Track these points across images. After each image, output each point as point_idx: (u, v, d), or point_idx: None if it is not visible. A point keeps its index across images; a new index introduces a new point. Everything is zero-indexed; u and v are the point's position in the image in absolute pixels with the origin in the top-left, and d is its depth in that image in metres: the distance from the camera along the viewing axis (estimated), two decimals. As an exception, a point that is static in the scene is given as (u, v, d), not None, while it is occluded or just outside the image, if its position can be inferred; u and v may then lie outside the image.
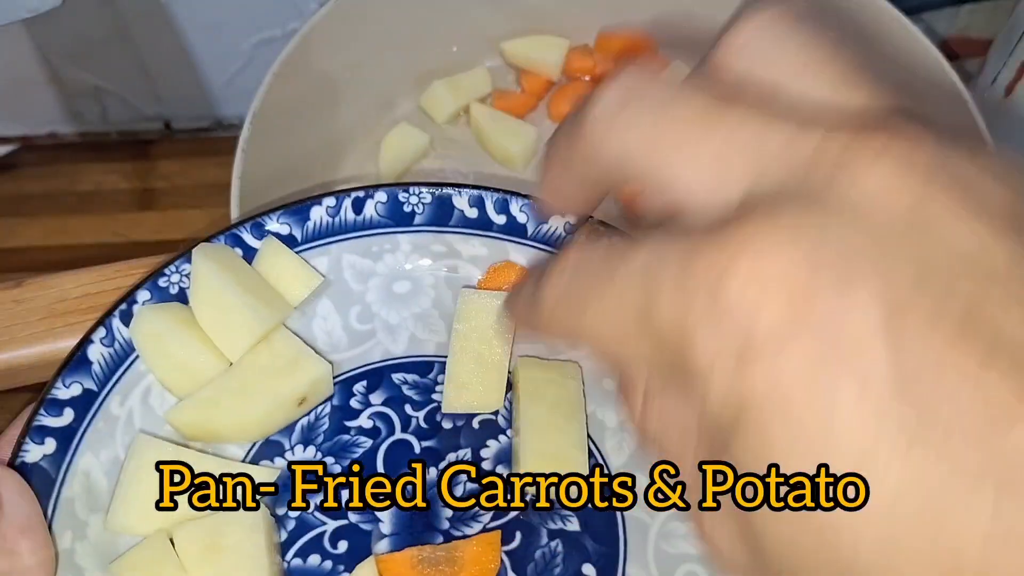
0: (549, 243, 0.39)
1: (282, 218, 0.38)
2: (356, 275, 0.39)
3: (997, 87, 0.54)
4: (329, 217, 0.39)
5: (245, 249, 0.38)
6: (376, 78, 0.58)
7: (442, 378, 0.38)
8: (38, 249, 0.73)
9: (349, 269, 0.39)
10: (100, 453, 0.34)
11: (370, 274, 0.40)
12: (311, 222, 0.39)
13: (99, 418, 0.34)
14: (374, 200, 0.39)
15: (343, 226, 0.39)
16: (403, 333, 0.39)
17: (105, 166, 0.77)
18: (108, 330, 0.35)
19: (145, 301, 0.36)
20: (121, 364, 0.35)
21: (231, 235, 0.38)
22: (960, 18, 0.70)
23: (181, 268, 0.37)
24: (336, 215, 0.39)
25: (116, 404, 0.35)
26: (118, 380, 0.35)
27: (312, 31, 0.52)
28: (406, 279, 0.40)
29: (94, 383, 0.35)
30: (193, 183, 0.75)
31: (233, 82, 0.74)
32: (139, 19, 0.68)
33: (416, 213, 0.39)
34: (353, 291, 0.39)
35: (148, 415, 0.36)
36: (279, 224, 0.38)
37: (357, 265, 0.39)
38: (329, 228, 0.39)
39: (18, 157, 0.78)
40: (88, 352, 0.35)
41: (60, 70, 0.73)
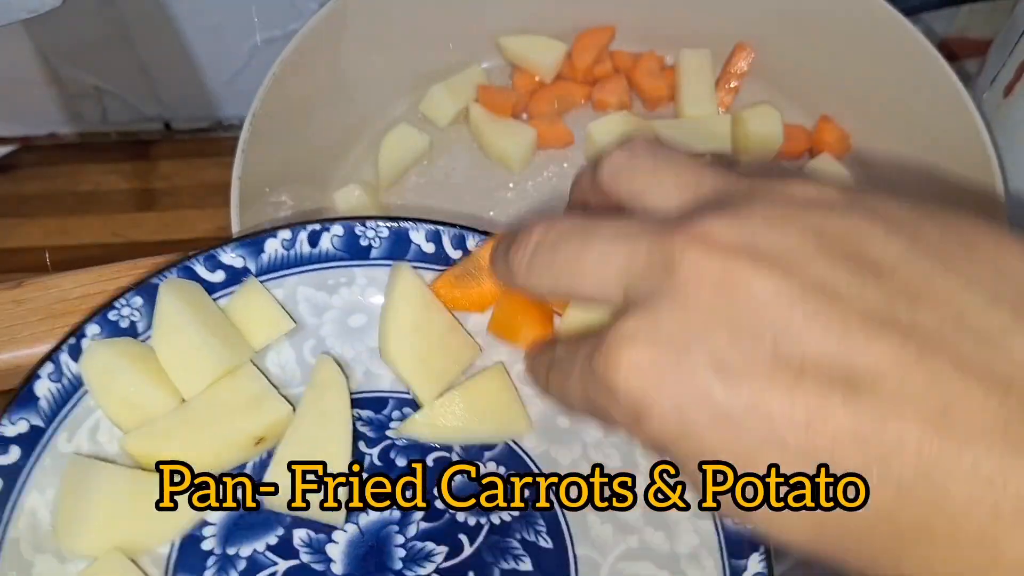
0: None
1: (236, 250, 0.38)
2: (311, 308, 0.39)
3: (996, 88, 0.54)
4: (284, 250, 0.38)
5: (200, 281, 0.37)
6: (376, 78, 0.58)
7: (397, 414, 0.38)
8: (37, 249, 0.73)
9: (304, 302, 0.39)
10: (46, 491, 0.34)
11: (325, 307, 0.39)
12: (265, 255, 0.38)
13: (46, 455, 0.34)
14: (330, 233, 0.39)
15: (298, 259, 0.39)
16: (358, 368, 0.39)
17: (105, 167, 0.77)
18: (56, 365, 0.35)
19: (95, 336, 0.36)
20: (69, 400, 0.35)
21: (184, 267, 0.37)
22: (959, 19, 0.70)
23: (132, 301, 0.36)
24: (291, 248, 0.38)
25: (63, 440, 0.34)
26: (66, 416, 0.35)
27: (312, 32, 0.52)
28: (362, 312, 0.39)
29: (41, 419, 0.34)
30: (193, 184, 0.75)
31: (233, 82, 0.74)
32: (139, 20, 0.69)
33: (372, 247, 0.39)
34: (308, 324, 0.39)
35: (97, 452, 0.35)
36: (233, 256, 0.38)
37: (312, 298, 0.39)
38: (284, 261, 0.38)
39: (18, 158, 0.78)
40: (35, 387, 0.34)
41: (60, 70, 0.73)
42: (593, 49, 0.61)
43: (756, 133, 0.58)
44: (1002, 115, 0.53)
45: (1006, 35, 0.54)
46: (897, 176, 0.56)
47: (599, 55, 0.61)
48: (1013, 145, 0.51)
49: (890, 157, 0.57)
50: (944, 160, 0.53)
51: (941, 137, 0.53)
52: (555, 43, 0.61)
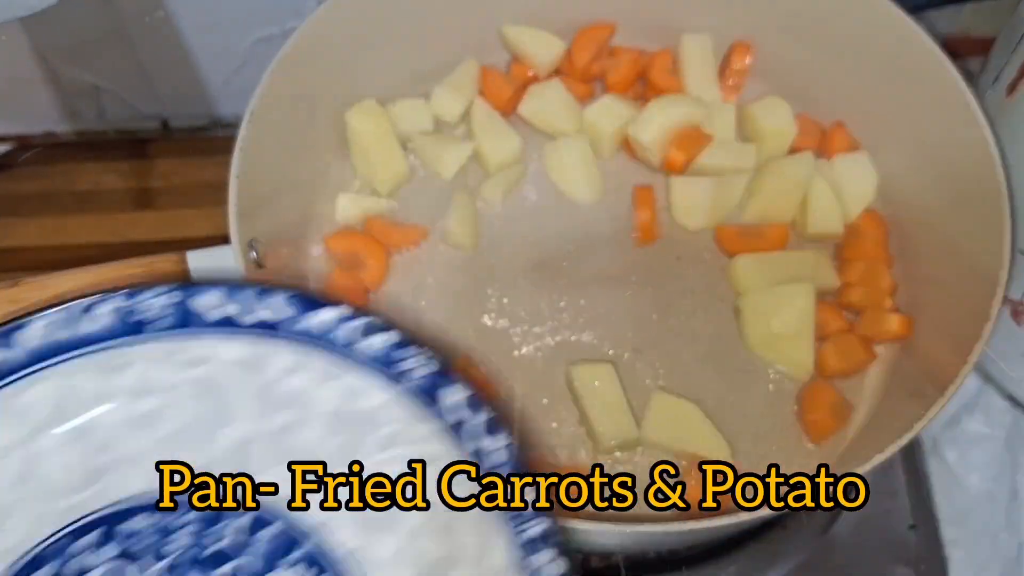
0: (317, 337, 0.34)
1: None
2: (89, 398, 0.34)
3: (999, 86, 0.54)
4: (44, 339, 0.33)
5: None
6: (374, 76, 0.58)
7: (189, 517, 0.34)
8: (35, 249, 0.73)
9: (75, 394, 0.34)
10: None
11: (104, 396, 0.34)
12: (20, 348, 0.33)
13: None
14: (100, 310, 0.34)
15: (66, 344, 0.33)
16: (147, 462, 0.34)
17: (102, 165, 0.77)
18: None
19: None
20: None
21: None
22: (962, 17, 0.70)
23: None
24: (55, 333, 0.33)
25: None
26: None
27: (310, 29, 0.52)
28: (150, 396, 0.34)
29: None
30: (191, 182, 0.75)
31: (231, 81, 0.74)
32: (137, 18, 0.68)
33: (152, 321, 0.34)
34: (86, 417, 0.34)
35: None
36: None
37: (87, 387, 0.34)
38: (48, 349, 0.33)
39: (15, 156, 0.78)
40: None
41: (57, 69, 0.72)
42: (592, 47, 0.60)
43: (768, 127, 0.58)
44: (1005, 113, 0.52)
45: (1009, 33, 0.54)
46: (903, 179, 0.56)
47: (598, 52, 0.61)
48: (1016, 143, 0.51)
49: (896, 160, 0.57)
50: (947, 158, 0.53)
51: (944, 135, 0.53)
52: (554, 40, 0.60)
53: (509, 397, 0.52)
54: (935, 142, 0.53)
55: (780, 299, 0.53)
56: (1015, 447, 0.62)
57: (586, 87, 0.61)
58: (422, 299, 0.55)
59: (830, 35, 0.57)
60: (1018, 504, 0.60)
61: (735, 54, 0.60)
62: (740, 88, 0.61)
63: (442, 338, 0.54)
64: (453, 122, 0.60)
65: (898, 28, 0.53)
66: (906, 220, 0.56)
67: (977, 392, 0.64)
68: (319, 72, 0.54)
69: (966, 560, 0.58)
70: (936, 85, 0.52)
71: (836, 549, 0.53)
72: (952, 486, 0.61)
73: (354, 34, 0.55)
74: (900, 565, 0.53)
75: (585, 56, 0.60)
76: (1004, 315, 0.55)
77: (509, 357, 0.53)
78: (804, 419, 0.51)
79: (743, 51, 0.60)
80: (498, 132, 0.59)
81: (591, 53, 0.60)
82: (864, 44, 0.55)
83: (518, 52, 0.61)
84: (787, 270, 0.54)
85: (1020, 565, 0.58)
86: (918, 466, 0.56)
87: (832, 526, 0.53)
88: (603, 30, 0.61)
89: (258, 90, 0.50)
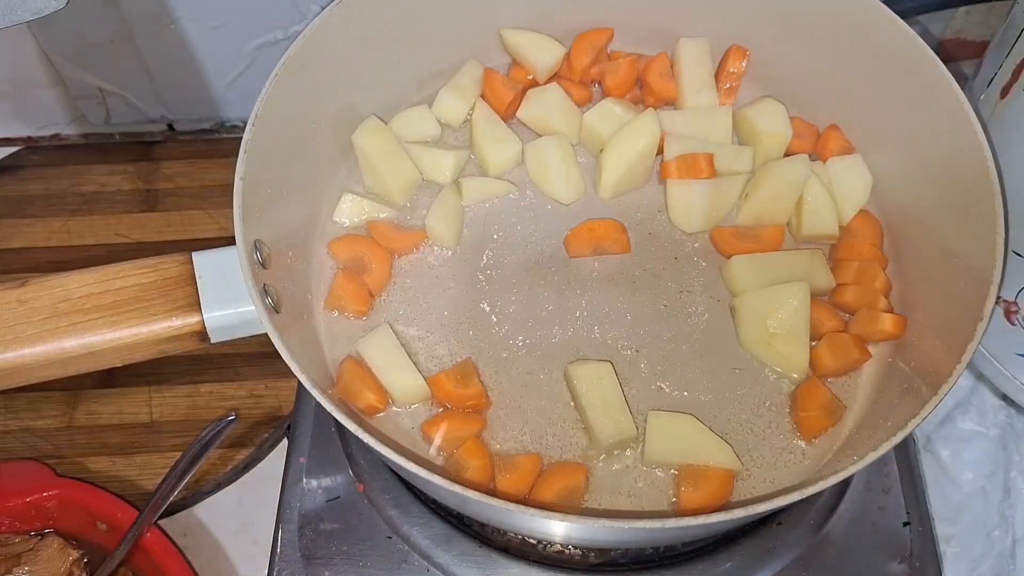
0: None
1: None
2: None
3: (993, 89, 0.54)
4: None
5: None
6: (378, 79, 0.59)
7: None
8: (42, 249, 0.73)
9: None
10: None
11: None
12: None
13: None
14: None
15: None
16: None
17: (109, 167, 0.77)
18: None
19: None
20: None
21: None
22: (956, 21, 0.70)
23: None
24: None
25: None
26: None
27: (314, 33, 0.53)
28: None
29: None
30: (196, 184, 0.75)
31: (236, 84, 0.74)
32: (143, 22, 0.69)
33: None
34: None
35: None
36: None
37: None
38: None
39: (22, 158, 0.78)
40: None
41: (64, 72, 0.73)
42: (591, 51, 0.61)
43: (763, 129, 0.58)
44: (998, 116, 0.53)
45: (1002, 37, 0.55)
46: (897, 181, 0.57)
47: (597, 56, 0.61)
48: (1009, 145, 0.51)
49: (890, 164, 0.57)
50: (941, 161, 0.53)
51: (938, 138, 0.53)
52: (554, 44, 0.61)
53: (507, 400, 0.52)
54: (929, 144, 0.54)
55: (775, 299, 0.53)
56: (1008, 445, 0.62)
57: (585, 90, 0.62)
58: (424, 302, 0.56)
59: (825, 39, 0.57)
60: (1011, 501, 0.60)
61: (731, 58, 0.61)
62: (736, 91, 0.62)
63: (443, 339, 0.54)
64: (456, 125, 0.61)
65: (893, 32, 0.54)
66: (900, 221, 0.57)
67: (970, 390, 0.64)
68: (323, 75, 0.55)
69: (960, 556, 0.59)
70: (930, 88, 0.52)
71: (831, 545, 0.53)
72: (946, 483, 0.61)
73: (357, 38, 0.56)
74: (894, 561, 0.53)
75: (584, 60, 0.61)
76: (997, 314, 0.55)
77: (509, 357, 0.54)
78: (798, 417, 0.52)
79: (739, 55, 0.61)
80: (499, 137, 0.59)
81: (590, 57, 0.61)
82: (859, 48, 0.56)
83: (518, 56, 0.62)
84: (782, 270, 0.55)
85: (1014, 561, 0.58)
86: (912, 464, 0.56)
87: (827, 523, 0.54)
88: (601, 35, 0.62)
89: (263, 93, 0.50)
